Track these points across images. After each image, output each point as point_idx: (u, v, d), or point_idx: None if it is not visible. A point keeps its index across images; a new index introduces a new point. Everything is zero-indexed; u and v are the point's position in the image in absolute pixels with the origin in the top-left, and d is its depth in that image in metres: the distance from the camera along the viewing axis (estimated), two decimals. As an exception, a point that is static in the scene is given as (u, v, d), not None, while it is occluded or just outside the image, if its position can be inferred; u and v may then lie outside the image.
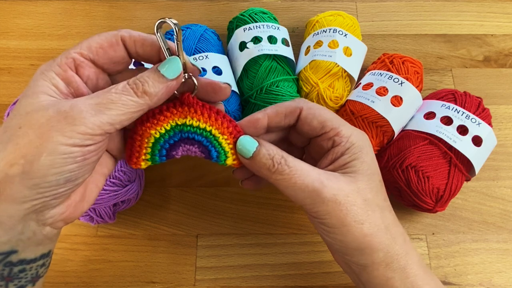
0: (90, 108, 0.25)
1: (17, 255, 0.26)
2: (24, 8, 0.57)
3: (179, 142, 0.32)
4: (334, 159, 0.32)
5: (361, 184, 0.30)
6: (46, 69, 0.26)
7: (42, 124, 0.24)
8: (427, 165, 0.40)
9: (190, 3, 0.58)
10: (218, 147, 0.32)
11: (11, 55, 0.54)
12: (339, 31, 0.47)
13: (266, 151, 0.30)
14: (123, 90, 0.26)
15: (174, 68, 0.28)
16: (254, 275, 0.42)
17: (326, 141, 0.32)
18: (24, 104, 0.25)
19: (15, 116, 0.25)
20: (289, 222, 0.45)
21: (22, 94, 0.26)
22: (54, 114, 0.24)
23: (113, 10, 0.57)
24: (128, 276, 0.42)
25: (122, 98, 0.26)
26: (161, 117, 0.30)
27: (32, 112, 0.24)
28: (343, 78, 0.46)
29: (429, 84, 0.52)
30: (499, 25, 0.56)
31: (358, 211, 0.29)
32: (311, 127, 0.32)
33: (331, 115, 0.32)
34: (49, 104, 0.25)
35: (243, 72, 0.47)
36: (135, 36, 0.29)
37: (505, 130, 0.49)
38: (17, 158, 0.23)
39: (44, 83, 0.26)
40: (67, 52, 0.27)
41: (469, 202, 0.46)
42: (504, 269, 0.43)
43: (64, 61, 0.26)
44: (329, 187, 0.29)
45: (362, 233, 0.29)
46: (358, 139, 0.31)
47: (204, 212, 0.45)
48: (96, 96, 0.25)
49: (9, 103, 0.43)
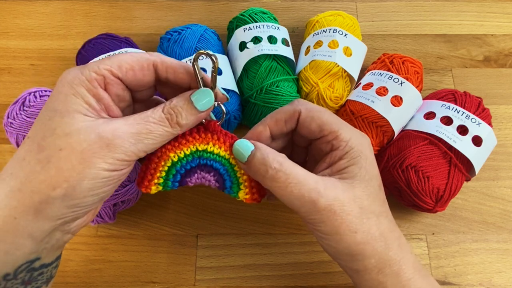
0: (130, 137, 0.26)
1: (39, 261, 0.27)
2: (24, 8, 0.57)
3: (195, 168, 0.31)
4: (332, 163, 0.31)
5: (357, 191, 0.30)
6: (75, 82, 0.26)
7: (84, 150, 0.25)
8: (427, 165, 0.40)
9: (190, 3, 0.58)
10: (234, 177, 0.32)
11: (11, 55, 0.54)
12: (339, 31, 0.47)
13: (261, 156, 0.29)
14: (160, 120, 0.27)
15: (207, 101, 0.29)
16: (254, 275, 0.42)
17: (325, 144, 0.32)
18: (60, 123, 0.25)
19: (51, 135, 0.25)
20: (289, 222, 0.45)
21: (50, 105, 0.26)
22: (96, 140, 0.25)
23: (113, 10, 0.57)
24: (128, 276, 0.42)
25: (159, 129, 0.27)
26: (183, 141, 0.30)
27: (71, 134, 0.25)
28: (343, 78, 0.46)
29: (429, 84, 0.52)
30: (499, 25, 0.56)
31: (353, 220, 0.29)
32: (310, 130, 0.32)
33: (331, 117, 0.32)
34: (88, 127, 0.25)
35: (243, 72, 0.47)
36: (167, 63, 0.29)
37: (505, 130, 0.49)
38: (60, 182, 0.24)
39: (77, 101, 0.26)
40: (96, 66, 0.27)
41: (469, 202, 0.46)
42: (504, 269, 0.43)
43: (94, 77, 0.26)
44: (325, 197, 0.28)
45: (355, 241, 0.29)
46: (357, 143, 0.31)
47: (204, 212, 0.45)
48: (136, 124, 0.27)
49: (9, 103, 0.43)
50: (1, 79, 0.52)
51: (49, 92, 0.44)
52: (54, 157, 0.24)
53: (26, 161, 0.25)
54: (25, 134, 0.41)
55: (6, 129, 0.42)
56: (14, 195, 0.24)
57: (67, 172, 0.24)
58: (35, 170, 0.24)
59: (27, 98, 0.42)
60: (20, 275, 0.26)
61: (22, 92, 0.43)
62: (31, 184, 0.24)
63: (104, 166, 0.25)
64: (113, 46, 0.46)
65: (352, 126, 0.32)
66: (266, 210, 0.45)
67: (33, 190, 0.24)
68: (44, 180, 0.24)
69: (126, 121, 0.27)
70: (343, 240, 0.29)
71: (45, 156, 0.25)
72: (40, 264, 0.27)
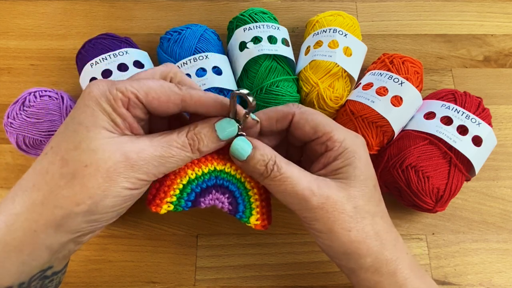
0: (153, 160, 0.27)
1: (51, 270, 0.27)
2: (24, 8, 0.57)
3: (211, 188, 0.31)
4: (326, 164, 0.31)
5: (352, 191, 0.30)
6: (102, 99, 0.26)
7: (109, 168, 0.25)
8: (427, 165, 0.40)
9: (190, 3, 0.58)
10: (247, 201, 0.32)
11: (11, 55, 0.54)
12: (339, 31, 0.47)
13: (261, 156, 0.30)
14: (183, 145, 0.28)
15: (229, 131, 0.30)
16: (254, 275, 0.42)
17: (319, 145, 0.32)
18: (85, 137, 0.25)
19: (76, 149, 0.25)
20: (289, 222, 0.45)
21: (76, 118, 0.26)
22: (121, 159, 0.25)
23: (113, 10, 0.57)
24: (128, 276, 0.42)
25: (181, 154, 0.28)
26: (203, 159, 0.30)
27: (97, 150, 0.25)
28: (343, 78, 0.46)
29: (429, 84, 0.52)
30: (499, 25, 0.56)
31: (346, 218, 0.29)
32: (304, 132, 0.32)
33: (324, 119, 0.32)
34: (114, 144, 0.26)
35: (243, 72, 0.47)
36: (196, 98, 0.29)
37: (505, 130, 0.49)
38: (84, 198, 0.25)
39: (103, 117, 0.26)
40: (123, 87, 0.27)
41: (469, 202, 0.46)
42: (504, 269, 0.43)
43: (120, 97, 0.27)
44: (318, 196, 0.29)
45: (349, 239, 0.29)
46: (351, 144, 0.31)
47: (204, 212, 0.45)
48: (160, 146, 0.27)
49: (9, 103, 0.43)
50: (1, 79, 0.52)
51: (49, 92, 0.44)
52: (79, 173, 0.25)
53: (49, 175, 0.25)
54: (25, 134, 0.41)
55: (6, 129, 0.42)
56: (36, 208, 0.25)
57: (92, 189, 0.25)
58: (59, 184, 0.25)
59: (27, 98, 0.42)
60: (33, 283, 0.27)
61: (22, 92, 0.43)
62: (54, 199, 0.25)
63: (127, 185, 0.26)
64: (113, 46, 0.46)
65: (345, 128, 0.32)
66: (266, 210, 0.45)
67: (56, 205, 0.25)
68: (68, 196, 0.25)
69: (151, 142, 0.27)
70: (337, 238, 0.29)
71: (69, 171, 0.25)
72: (51, 272, 0.28)
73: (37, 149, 0.42)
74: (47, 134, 0.42)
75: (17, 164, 0.47)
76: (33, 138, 0.42)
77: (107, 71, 0.44)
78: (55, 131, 0.42)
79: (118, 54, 0.45)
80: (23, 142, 0.42)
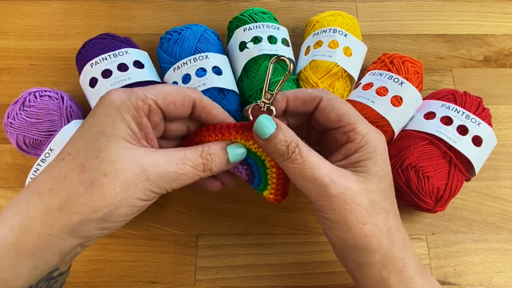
0: (168, 176, 0.28)
1: (58, 271, 0.28)
2: (24, 8, 0.57)
3: None
4: (346, 155, 0.31)
5: (370, 186, 0.30)
6: (123, 108, 0.28)
7: (127, 179, 0.26)
8: (427, 165, 0.40)
9: (190, 3, 0.58)
10: (263, 177, 0.33)
11: (11, 55, 0.54)
12: (339, 31, 0.47)
13: (283, 137, 0.29)
14: (196, 165, 0.29)
15: (239, 155, 0.32)
16: (254, 275, 0.42)
17: (341, 135, 0.32)
18: (106, 146, 0.26)
19: (96, 157, 0.26)
20: (289, 222, 0.45)
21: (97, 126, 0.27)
22: (139, 172, 0.26)
23: (113, 10, 0.57)
24: (128, 276, 0.42)
25: (193, 172, 0.29)
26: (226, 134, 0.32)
27: (116, 160, 0.26)
28: (343, 78, 0.46)
29: (429, 84, 0.52)
30: (499, 25, 0.56)
31: (362, 211, 0.29)
32: (328, 118, 0.32)
33: (350, 109, 0.32)
34: (132, 156, 0.27)
35: (243, 72, 0.47)
36: (204, 102, 0.32)
37: (505, 130, 0.49)
38: (101, 206, 0.25)
39: (123, 127, 0.27)
40: (143, 95, 0.29)
41: (469, 202, 0.46)
42: (504, 269, 0.43)
43: (141, 106, 0.28)
44: (337, 184, 0.29)
45: (363, 233, 0.29)
46: (374, 139, 0.31)
47: (204, 212, 0.45)
48: (175, 163, 0.28)
49: (9, 103, 0.43)
50: (1, 79, 0.52)
51: (49, 92, 0.44)
52: (98, 181, 0.25)
53: (68, 181, 0.25)
54: (25, 134, 0.41)
55: (6, 129, 0.42)
56: (53, 213, 0.25)
57: (109, 198, 0.25)
58: (77, 191, 0.25)
59: (27, 98, 0.42)
60: (40, 284, 0.27)
61: (22, 92, 0.43)
62: (72, 205, 0.25)
63: (142, 196, 0.27)
64: (113, 46, 0.46)
65: (369, 123, 0.32)
66: (266, 210, 0.45)
67: (73, 211, 0.25)
68: (86, 203, 0.25)
69: (167, 157, 0.28)
70: (350, 231, 0.29)
71: (88, 178, 0.25)
72: (58, 273, 0.28)
73: (37, 149, 0.42)
74: (47, 134, 0.42)
75: (17, 164, 0.47)
76: (33, 138, 0.42)
77: (107, 71, 0.44)
78: (55, 131, 0.42)
79: (118, 54, 0.45)
80: (23, 142, 0.42)
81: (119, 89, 0.29)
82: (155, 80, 0.46)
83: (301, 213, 0.45)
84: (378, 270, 0.30)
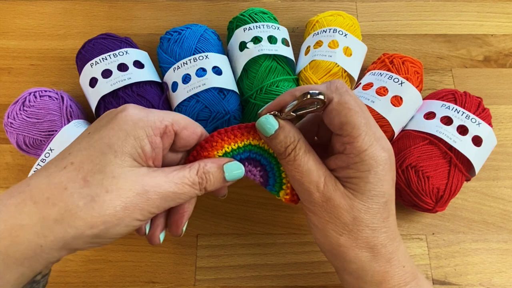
0: (167, 196, 0.28)
1: (40, 274, 0.27)
2: (24, 8, 0.57)
3: (244, 160, 0.33)
4: (339, 166, 0.30)
5: (356, 204, 0.29)
6: (140, 125, 0.27)
7: (128, 199, 0.26)
8: (427, 165, 0.40)
9: (190, 3, 0.58)
10: (278, 176, 0.33)
11: (11, 55, 0.54)
12: (339, 31, 0.47)
13: (284, 138, 0.30)
14: (193, 183, 0.29)
15: (236, 174, 0.31)
16: (254, 275, 0.42)
17: (339, 143, 0.30)
18: (111, 162, 0.26)
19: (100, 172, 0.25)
20: (289, 222, 0.45)
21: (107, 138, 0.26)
22: (140, 192, 0.26)
23: (113, 10, 0.57)
24: (128, 276, 0.42)
25: (190, 191, 0.29)
26: (239, 134, 0.32)
27: (119, 178, 0.26)
28: (343, 78, 0.46)
29: (429, 84, 0.52)
30: (499, 25, 0.56)
31: (340, 225, 0.29)
32: (332, 122, 0.30)
33: (357, 120, 0.29)
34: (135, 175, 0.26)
35: (243, 72, 0.47)
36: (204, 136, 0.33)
37: (505, 130, 0.49)
38: (99, 223, 0.25)
39: (134, 144, 0.27)
40: (161, 116, 0.29)
41: (469, 202, 0.46)
42: (504, 269, 0.43)
43: (158, 126, 0.28)
44: (321, 194, 0.30)
45: (338, 242, 0.30)
46: (371, 156, 0.29)
47: (204, 212, 0.45)
48: (174, 183, 0.28)
49: (9, 103, 0.43)
50: (1, 79, 0.52)
51: (49, 92, 0.44)
52: (99, 197, 0.25)
53: (68, 192, 0.25)
54: (25, 134, 0.41)
55: (6, 129, 0.42)
56: (48, 224, 0.24)
57: (108, 216, 0.25)
58: (77, 205, 0.24)
59: (27, 98, 0.42)
60: None
61: (22, 92, 0.43)
62: (70, 218, 0.24)
63: (139, 217, 0.27)
64: (113, 46, 0.46)
65: (378, 137, 0.29)
66: (266, 210, 0.45)
67: (70, 224, 0.24)
68: (84, 218, 0.24)
69: (166, 178, 0.28)
70: (327, 237, 0.30)
71: (90, 193, 0.25)
72: (40, 276, 0.28)
73: (37, 149, 0.42)
74: (47, 134, 0.42)
75: (17, 164, 0.47)
76: (33, 138, 0.42)
77: (107, 71, 0.44)
78: (55, 131, 0.42)
79: (118, 54, 0.45)
80: (23, 142, 0.42)
81: (137, 106, 0.29)
82: (155, 80, 0.46)
83: (301, 213, 0.45)
84: (354, 278, 0.30)
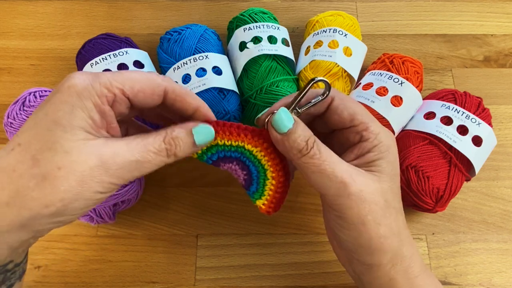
0: (129, 165, 0.26)
1: (12, 263, 0.27)
2: (24, 8, 0.57)
3: (234, 159, 0.32)
4: (359, 155, 0.31)
5: (384, 185, 0.30)
6: (84, 95, 0.25)
7: (83, 172, 0.24)
8: (427, 165, 0.40)
9: (190, 3, 0.58)
10: (261, 187, 0.33)
11: (11, 55, 0.54)
12: (339, 31, 0.47)
13: (302, 132, 0.29)
14: (159, 150, 0.27)
15: (206, 137, 0.29)
16: (254, 275, 0.42)
17: (353, 134, 0.31)
18: (60, 138, 0.24)
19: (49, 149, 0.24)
20: (289, 222, 0.45)
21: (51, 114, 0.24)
22: (97, 164, 0.24)
23: (113, 10, 0.57)
24: (128, 276, 0.42)
25: (157, 159, 0.27)
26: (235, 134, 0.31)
27: (72, 152, 0.24)
28: (343, 78, 0.46)
29: (429, 84, 0.52)
30: (499, 25, 0.56)
31: (379, 212, 0.29)
32: (341, 118, 0.32)
33: (362, 109, 0.32)
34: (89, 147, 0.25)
35: (243, 72, 0.47)
36: (177, 92, 0.29)
37: (505, 130, 0.49)
38: (55, 201, 0.24)
39: (82, 116, 0.25)
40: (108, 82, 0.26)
41: (469, 202, 0.46)
42: (504, 269, 0.43)
43: (105, 93, 0.26)
44: (357, 182, 0.28)
45: (378, 234, 0.29)
46: (385, 138, 0.31)
47: (204, 212, 0.45)
48: (136, 151, 0.26)
49: (9, 103, 0.43)
50: (1, 79, 0.52)
51: (49, 92, 0.44)
52: (51, 175, 0.23)
53: (17, 174, 0.23)
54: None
55: (6, 129, 0.42)
56: (0, 209, 0.23)
57: (63, 192, 0.24)
58: (28, 186, 0.23)
59: (27, 98, 0.42)
60: None
61: (22, 92, 0.43)
62: (21, 200, 0.23)
63: (99, 189, 0.25)
64: (113, 46, 0.46)
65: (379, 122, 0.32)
66: (266, 210, 0.45)
67: (23, 206, 0.23)
68: (37, 198, 0.23)
69: (127, 146, 0.26)
70: (366, 231, 0.29)
71: (40, 172, 0.23)
72: (13, 265, 0.27)
73: (37, 149, 0.42)
74: (47, 134, 0.42)
75: (17, 164, 0.47)
76: (33, 138, 0.41)
77: (107, 71, 0.44)
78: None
79: (118, 54, 0.45)
80: (23, 142, 0.42)
81: (82, 72, 0.26)
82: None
83: (301, 213, 0.45)
84: (388, 270, 0.30)
